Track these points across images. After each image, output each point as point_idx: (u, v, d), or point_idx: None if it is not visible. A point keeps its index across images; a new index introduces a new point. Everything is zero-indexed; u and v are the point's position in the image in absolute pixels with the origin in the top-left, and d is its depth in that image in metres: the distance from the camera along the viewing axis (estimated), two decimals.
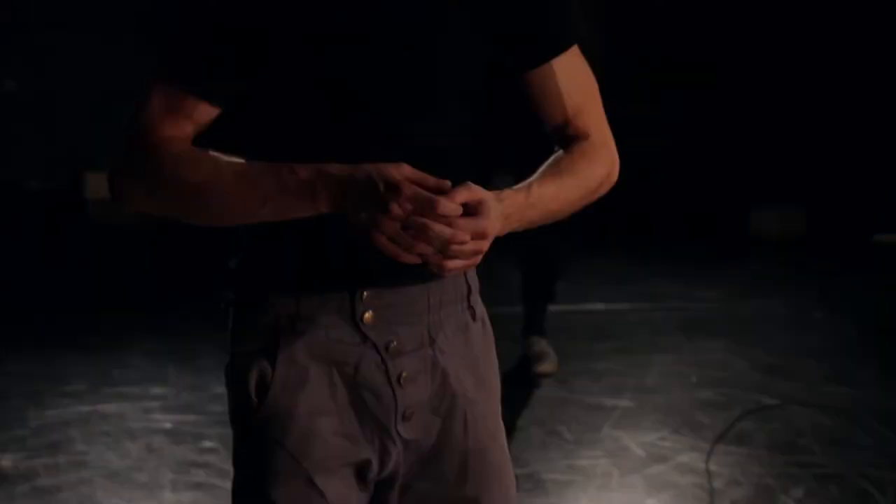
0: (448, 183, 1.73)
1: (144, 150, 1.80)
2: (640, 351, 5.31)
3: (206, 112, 1.82)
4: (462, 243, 1.73)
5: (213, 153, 1.81)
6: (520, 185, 1.87)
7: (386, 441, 1.89)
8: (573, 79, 1.95)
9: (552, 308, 5.15)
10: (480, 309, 2.00)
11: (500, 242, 1.87)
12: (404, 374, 1.89)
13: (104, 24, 7.87)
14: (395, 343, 1.89)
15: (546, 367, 4.96)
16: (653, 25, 7.96)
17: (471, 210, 1.74)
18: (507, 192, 1.83)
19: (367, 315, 1.87)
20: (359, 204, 1.72)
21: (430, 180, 1.72)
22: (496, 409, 2.01)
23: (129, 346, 5.30)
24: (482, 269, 2.00)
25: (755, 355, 5.26)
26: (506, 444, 2.00)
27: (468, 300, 1.97)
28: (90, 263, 6.79)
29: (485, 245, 1.76)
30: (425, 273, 1.86)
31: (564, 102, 1.95)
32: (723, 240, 7.43)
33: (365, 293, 1.87)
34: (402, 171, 1.72)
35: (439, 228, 1.70)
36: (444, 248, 1.72)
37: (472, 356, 1.97)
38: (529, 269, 5.01)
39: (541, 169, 1.93)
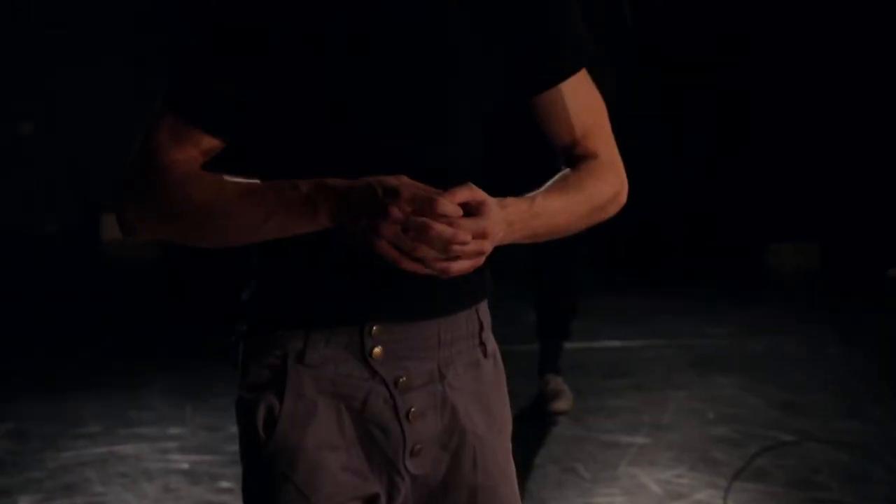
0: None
1: (150, 173, 1.82)
2: (655, 388, 5.31)
3: (213, 144, 1.84)
4: (463, 243, 1.72)
5: (217, 174, 1.83)
6: (524, 196, 1.86)
7: (394, 476, 1.90)
8: (581, 100, 1.96)
9: (567, 345, 5.15)
10: (492, 345, 2.00)
11: (517, 280, 1.89)
12: (413, 410, 1.90)
13: (120, 65, 7.92)
14: (404, 378, 1.89)
15: (561, 404, 4.96)
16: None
17: (471, 210, 1.74)
18: (510, 200, 1.82)
19: (377, 350, 1.88)
20: (359, 212, 1.73)
21: (430, 189, 1.73)
22: (507, 446, 2.01)
23: (145, 386, 5.31)
24: (495, 307, 2.01)
25: (770, 391, 5.25)
26: (516, 482, 2.00)
27: (480, 336, 1.97)
28: (105, 304, 6.81)
29: (487, 245, 1.75)
30: (436, 308, 1.89)
31: (573, 124, 1.95)
32: (736, 275, 7.42)
33: (374, 328, 1.87)
34: (401, 179, 1.73)
35: (440, 228, 1.70)
36: (446, 249, 1.71)
37: (483, 393, 1.97)
38: (545, 307, 5.02)
39: (547, 183, 1.92)
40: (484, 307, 1.99)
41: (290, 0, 1.80)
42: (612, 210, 1.99)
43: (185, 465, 4.46)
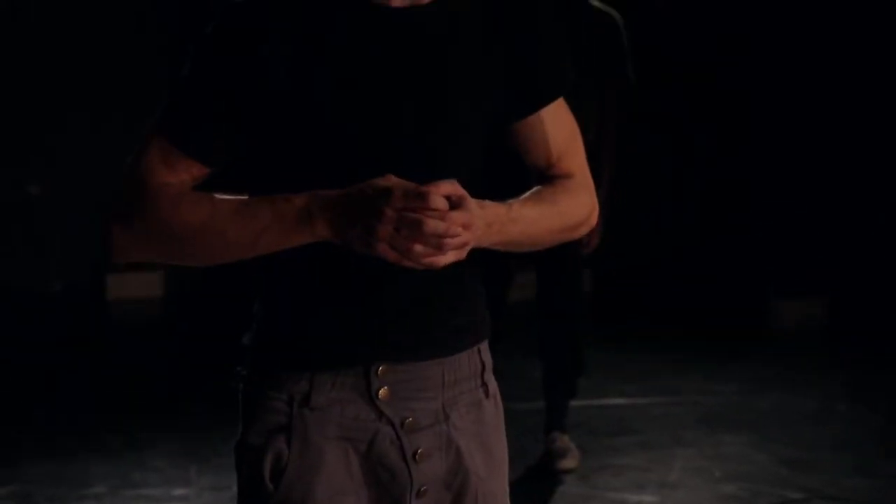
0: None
1: (141, 196, 1.84)
2: (662, 445, 5.28)
3: (203, 171, 1.87)
4: (454, 236, 1.76)
5: (207, 193, 1.84)
6: (502, 202, 1.90)
7: None
8: (559, 125, 2.00)
9: (573, 403, 5.13)
10: (493, 386, 2.02)
11: (522, 338, 1.91)
12: (420, 451, 1.91)
13: (126, 128, 7.95)
14: (410, 419, 1.90)
15: (567, 462, 4.94)
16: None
17: (454, 203, 1.77)
18: (488, 202, 1.86)
19: (383, 391, 1.89)
20: (354, 217, 1.76)
21: (417, 185, 1.76)
22: (505, 487, 2.03)
23: (149, 447, 5.29)
24: (501, 365, 2.01)
25: (777, 448, 5.22)
26: None
27: (482, 377, 1.99)
28: (110, 363, 6.80)
29: (470, 237, 1.79)
30: (440, 347, 1.91)
31: (550, 148, 1.99)
32: (742, 331, 7.40)
33: (380, 368, 1.88)
34: (389, 179, 1.76)
35: (433, 224, 1.74)
36: (438, 244, 1.75)
37: (485, 434, 1.99)
38: (551, 365, 5.01)
39: (523, 196, 1.96)
40: (485, 347, 2.01)
41: (289, 12, 1.82)
42: (583, 230, 2.04)
43: None
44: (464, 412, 1.96)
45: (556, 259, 4.73)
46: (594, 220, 2.04)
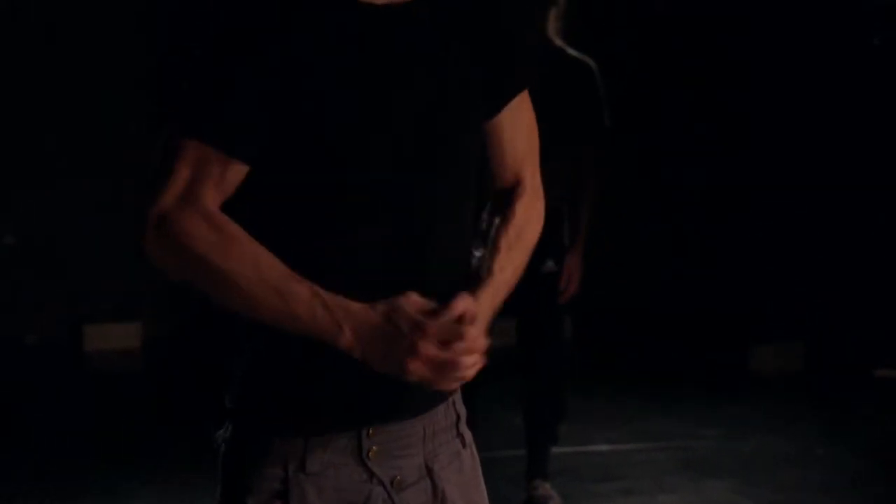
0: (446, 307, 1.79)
1: (178, 223, 1.77)
2: (645, 492, 5.26)
3: (238, 172, 1.80)
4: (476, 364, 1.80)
5: (249, 242, 1.77)
6: (484, 282, 1.92)
7: None
8: (521, 125, 2.01)
9: (555, 450, 5.11)
10: (469, 436, 2.03)
11: (503, 384, 1.92)
12: None
13: (101, 181, 7.94)
14: (398, 477, 1.91)
15: None
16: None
17: (468, 320, 1.80)
18: (481, 297, 1.88)
19: (373, 450, 1.89)
20: (387, 353, 1.77)
21: (435, 305, 1.78)
22: None
23: (129, 499, 5.24)
24: (483, 411, 2.01)
25: (760, 494, 5.21)
26: None
27: (457, 428, 2.00)
28: (88, 416, 6.74)
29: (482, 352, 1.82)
30: (422, 404, 1.92)
31: (516, 147, 2.01)
32: (723, 376, 7.39)
33: (371, 429, 1.89)
34: (416, 306, 1.77)
35: (465, 365, 1.77)
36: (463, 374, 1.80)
37: (465, 483, 2.00)
38: (533, 412, 4.99)
39: (494, 244, 1.97)
40: (458, 398, 2.02)
41: (280, 7, 1.81)
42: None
43: None
44: (445, 464, 1.97)
45: (537, 307, 4.74)
46: (543, 216, 2.06)
